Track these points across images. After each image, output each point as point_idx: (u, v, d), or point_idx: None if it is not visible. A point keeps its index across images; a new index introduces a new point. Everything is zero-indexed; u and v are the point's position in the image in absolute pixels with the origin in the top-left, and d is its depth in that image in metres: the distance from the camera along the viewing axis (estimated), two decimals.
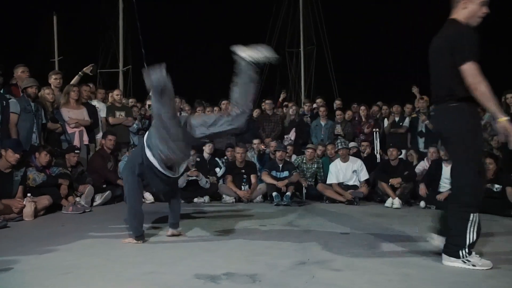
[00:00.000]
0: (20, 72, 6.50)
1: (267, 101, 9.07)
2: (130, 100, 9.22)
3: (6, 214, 4.87)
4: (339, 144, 7.38)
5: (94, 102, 7.65)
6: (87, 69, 7.55)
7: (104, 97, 8.18)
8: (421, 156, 7.63)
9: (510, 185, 6.00)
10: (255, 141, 8.23)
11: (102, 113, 7.66)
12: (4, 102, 5.75)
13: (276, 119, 8.83)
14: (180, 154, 3.59)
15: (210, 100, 9.47)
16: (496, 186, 6.02)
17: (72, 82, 7.27)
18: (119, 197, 6.63)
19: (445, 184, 6.54)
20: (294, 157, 7.92)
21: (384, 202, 6.72)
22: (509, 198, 5.89)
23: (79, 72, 7.49)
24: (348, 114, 8.80)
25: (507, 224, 5.17)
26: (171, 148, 3.46)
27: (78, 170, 6.40)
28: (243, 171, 7.32)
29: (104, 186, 6.67)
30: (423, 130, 8.09)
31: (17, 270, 2.92)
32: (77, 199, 5.91)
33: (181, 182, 6.82)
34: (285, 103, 10.13)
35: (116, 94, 8.04)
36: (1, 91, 5.97)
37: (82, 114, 6.91)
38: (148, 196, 6.85)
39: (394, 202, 6.53)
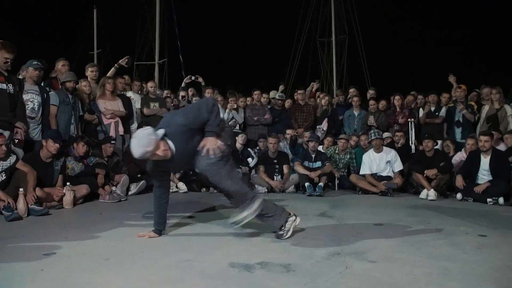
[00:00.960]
0: (60, 66, 6.73)
1: (299, 91, 9.03)
2: (165, 91, 9.35)
3: (47, 202, 5.07)
4: (372, 134, 7.27)
5: (129, 94, 7.81)
6: (122, 61, 7.72)
7: (140, 88, 8.34)
8: (458, 147, 7.42)
9: None
10: (288, 131, 8.21)
11: (137, 104, 7.82)
12: (45, 94, 5.95)
13: (308, 109, 8.79)
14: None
15: (243, 91, 9.50)
16: None
17: (108, 74, 7.46)
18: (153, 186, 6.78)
19: (483, 176, 6.36)
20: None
21: (419, 193, 6.58)
22: None
23: (115, 65, 7.67)
24: (382, 104, 8.63)
25: None
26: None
27: (113, 160, 6.56)
28: (276, 161, 7.32)
29: (139, 175, 6.82)
30: (460, 120, 7.86)
31: (61, 255, 3.05)
32: (113, 188, 6.07)
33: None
34: (318, 93, 10.06)
35: (150, 86, 8.19)
36: (42, 84, 6.18)
37: (117, 105, 7.07)
38: (182, 186, 6.97)
39: (429, 193, 6.38)
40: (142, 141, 3.12)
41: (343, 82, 22.61)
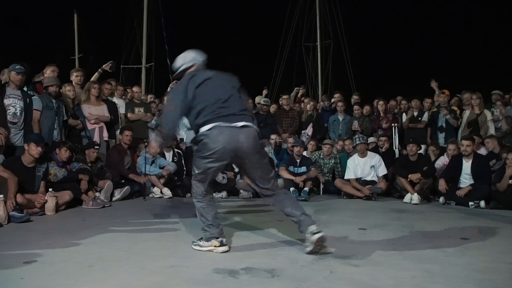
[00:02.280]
0: (49, 71, 6.63)
1: (284, 96, 9.07)
2: (149, 96, 9.31)
3: (29, 208, 4.97)
4: (357, 139, 7.33)
5: (114, 99, 7.75)
6: (106, 66, 7.65)
7: (123, 93, 8.28)
8: (442, 151, 7.54)
9: None
10: (273, 136, 8.24)
11: (121, 109, 7.76)
12: (28, 99, 5.87)
13: (293, 114, 8.83)
14: None
15: None
16: None
17: (92, 79, 7.39)
18: (137, 192, 6.72)
19: (465, 180, 6.46)
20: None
21: (403, 197, 6.66)
22: None
23: (99, 69, 7.60)
24: (366, 109, 8.72)
25: None
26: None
27: (97, 165, 6.50)
28: None
29: (123, 181, 6.76)
30: (444, 125, 7.97)
31: (43, 262, 2.99)
32: (97, 194, 6.00)
33: None
34: (303, 98, 10.11)
35: (135, 91, 8.14)
36: (25, 89, 6.09)
37: (102, 110, 7.01)
38: (167, 192, 6.92)
39: (413, 197, 6.46)
40: None
41: (328, 87, 22.77)
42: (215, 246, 3.28)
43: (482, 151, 7.05)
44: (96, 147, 6.47)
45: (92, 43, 23.29)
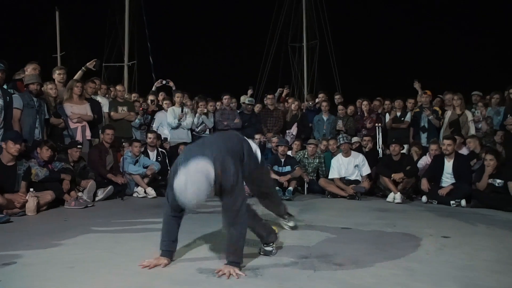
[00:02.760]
0: (31, 69, 6.49)
1: (269, 96, 9.10)
2: (133, 95, 9.23)
3: (9, 209, 4.87)
4: (341, 139, 7.39)
5: (97, 98, 7.67)
6: (90, 64, 7.55)
7: (106, 92, 8.20)
8: (424, 151, 7.64)
9: None
10: (257, 136, 8.24)
11: (105, 108, 7.69)
12: (8, 97, 5.76)
13: (278, 114, 8.85)
14: None
15: (213, 95, 9.51)
16: (498, 181, 6.04)
17: (76, 77, 7.29)
18: (121, 192, 6.66)
19: (447, 179, 6.57)
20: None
21: (386, 197, 6.73)
22: (511, 193, 5.91)
23: (82, 67, 7.50)
24: (350, 109, 8.79)
25: (509, 218, 5.18)
26: None
27: (80, 165, 6.42)
28: None
29: (106, 181, 6.69)
30: (426, 125, 8.08)
31: (22, 264, 2.94)
32: (80, 194, 5.93)
33: None
34: (288, 98, 10.15)
35: (118, 89, 8.07)
36: (5, 87, 5.98)
37: (85, 109, 6.93)
38: (151, 191, 6.88)
39: (396, 197, 6.54)
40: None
41: (314, 87, 22.84)
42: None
43: (464, 151, 7.17)
44: (78, 146, 6.40)
45: (74, 41, 22.96)
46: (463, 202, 6.18)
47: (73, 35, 23.21)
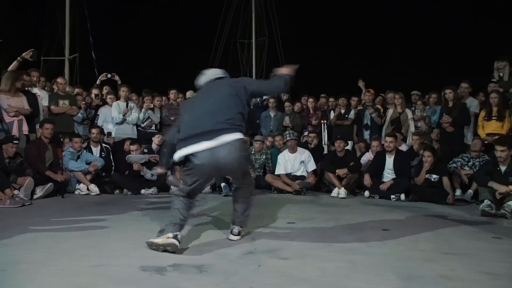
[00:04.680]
0: None
1: None
2: (76, 88, 8.85)
3: None
4: (287, 135, 7.49)
5: (35, 90, 7.28)
6: (26, 55, 7.11)
7: (45, 84, 7.81)
8: (368, 148, 7.90)
9: (446, 175, 6.40)
10: None
11: (44, 101, 7.32)
12: None
13: None
14: None
15: (159, 90, 9.32)
16: (434, 176, 6.37)
17: (11, 67, 6.87)
18: (61, 189, 6.38)
19: (388, 175, 6.85)
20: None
21: (331, 192, 6.92)
22: (445, 187, 6.27)
23: (18, 58, 7.07)
24: (297, 105, 8.94)
25: (443, 211, 5.49)
26: None
27: (16, 161, 6.07)
28: None
29: (45, 178, 6.37)
30: (369, 123, 8.37)
31: None
32: (16, 192, 5.62)
33: (138, 158, 6.72)
34: None
35: (60, 82, 7.70)
36: None
37: (21, 102, 6.56)
38: (94, 188, 6.66)
39: (340, 192, 6.74)
40: None
41: None
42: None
43: (403, 147, 7.50)
44: (15, 141, 6.04)
45: (11, 31, 21.59)
46: (403, 196, 6.48)
47: (11, 24, 21.85)
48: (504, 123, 6.90)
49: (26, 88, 6.92)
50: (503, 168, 5.41)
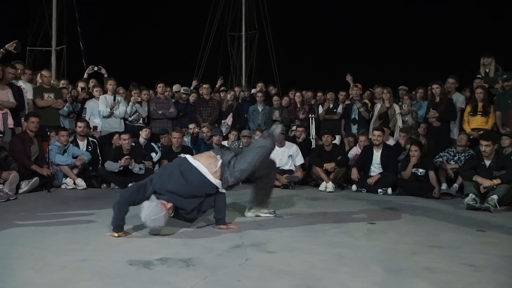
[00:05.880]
0: None
1: (204, 86, 9.00)
2: (62, 81, 8.73)
3: None
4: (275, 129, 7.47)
5: (20, 83, 7.15)
6: (10, 46, 6.91)
7: (31, 77, 7.68)
8: (356, 142, 7.93)
9: (432, 170, 6.47)
10: (191, 125, 8.16)
11: (29, 94, 7.20)
12: None
13: (213, 104, 8.79)
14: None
15: (146, 83, 9.25)
16: (421, 170, 6.43)
17: None
18: (47, 184, 6.30)
19: (375, 169, 6.90)
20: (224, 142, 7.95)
21: (319, 186, 6.95)
22: (431, 181, 6.34)
23: (1, 49, 6.92)
24: (285, 100, 8.94)
25: (429, 204, 5.56)
26: None
27: (1, 155, 5.98)
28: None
29: (30, 172, 6.29)
30: (356, 117, 8.40)
31: None
32: (0, 186, 5.54)
33: (114, 167, 6.64)
34: (222, 88, 10.09)
35: (45, 75, 7.58)
36: None
37: (6, 95, 6.45)
38: (80, 182, 6.60)
39: (327, 186, 6.77)
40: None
41: (252, 77, 22.92)
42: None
43: (391, 142, 7.56)
44: None
45: None
46: (389, 190, 6.53)
47: None
48: (488, 118, 7.01)
49: (11, 81, 6.80)
50: (487, 162, 5.49)
